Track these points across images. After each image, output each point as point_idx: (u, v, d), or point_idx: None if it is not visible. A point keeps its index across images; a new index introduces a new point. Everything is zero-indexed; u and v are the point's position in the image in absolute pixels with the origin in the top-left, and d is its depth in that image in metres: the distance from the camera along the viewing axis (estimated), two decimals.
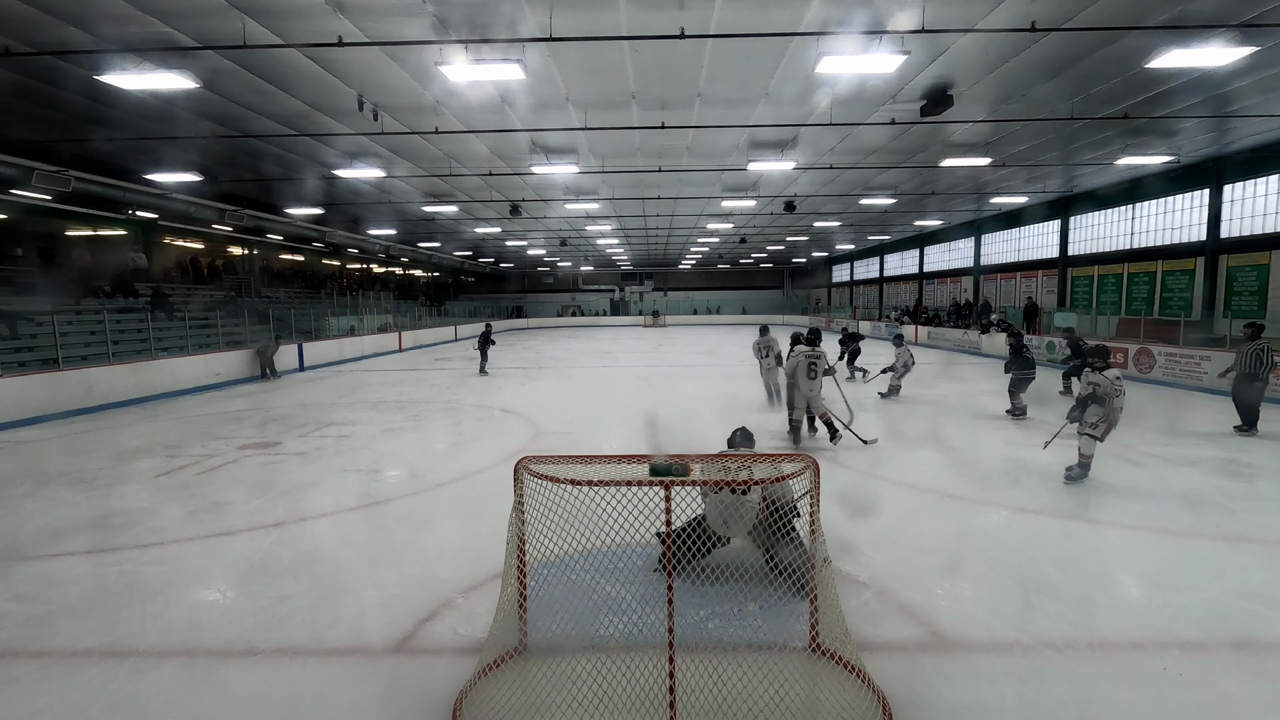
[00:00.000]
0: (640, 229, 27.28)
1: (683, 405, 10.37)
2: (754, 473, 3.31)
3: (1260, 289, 14.23)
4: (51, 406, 10.50)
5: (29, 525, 5.38)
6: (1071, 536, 4.87)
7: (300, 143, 12.50)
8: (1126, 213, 18.15)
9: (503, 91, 9.76)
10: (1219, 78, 9.38)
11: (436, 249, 32.40)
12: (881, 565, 4.31)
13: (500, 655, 3.10)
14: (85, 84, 8.71)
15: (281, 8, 7.05)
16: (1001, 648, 3.33)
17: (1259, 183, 14.29)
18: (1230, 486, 6.14)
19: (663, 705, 2.68)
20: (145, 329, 13.95)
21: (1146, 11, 7.26)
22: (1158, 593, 3.97)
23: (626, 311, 48.20)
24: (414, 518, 5.49)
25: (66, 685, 3.10)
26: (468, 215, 21.82)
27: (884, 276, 35.44)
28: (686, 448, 3.81)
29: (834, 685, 2.91)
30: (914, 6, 6.96)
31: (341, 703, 2.96)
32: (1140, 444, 7.76)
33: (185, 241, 22.21)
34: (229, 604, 3.97)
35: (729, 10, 7.20)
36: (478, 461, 6.62)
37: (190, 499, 5.99)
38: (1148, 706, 2.86)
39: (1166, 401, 11.33)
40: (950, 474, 6.46)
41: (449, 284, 46.58)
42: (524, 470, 3.08)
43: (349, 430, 9.19)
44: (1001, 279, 24.25)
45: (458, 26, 7.47)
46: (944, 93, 9.77)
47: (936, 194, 19.16)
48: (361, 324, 24.08)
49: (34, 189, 12.60)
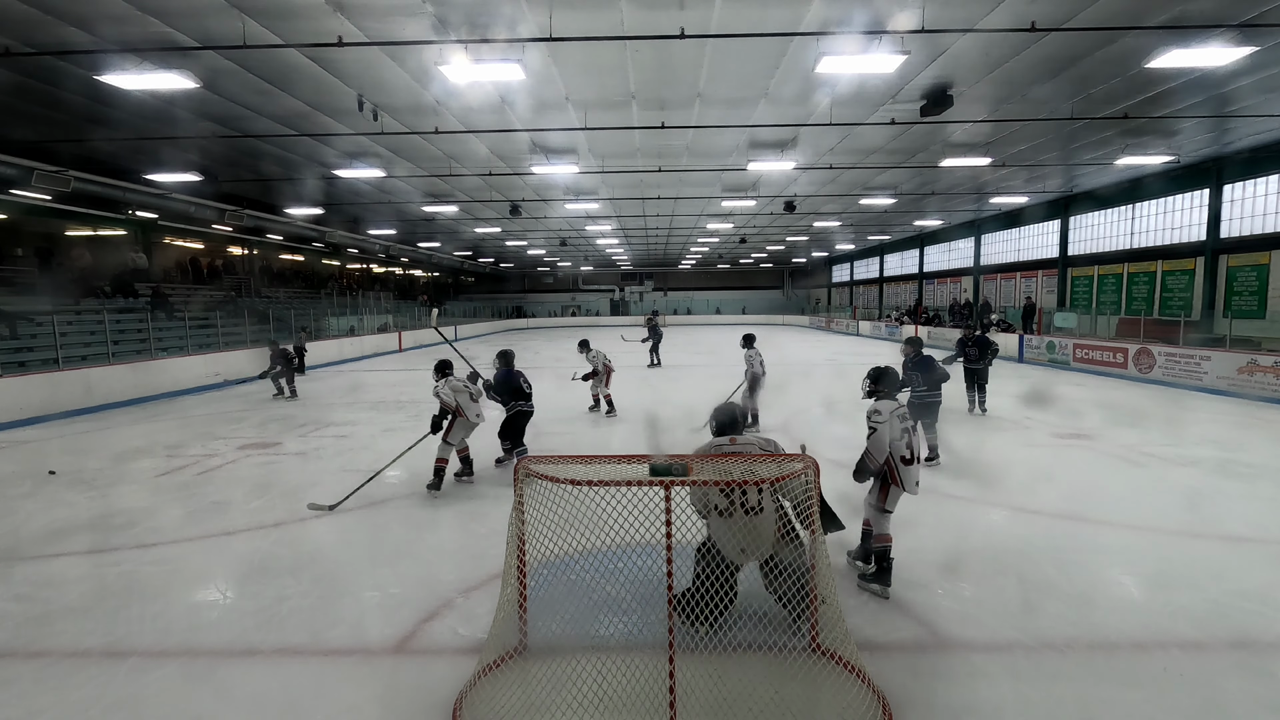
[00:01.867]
0: (640, 229, 27.28)
1: (683, 405, 10.37)
2: (759, 472, 3.28)
3: (1260, 289, 14.23)
4: (51, 406, 10.50)
5: (29, 525, 5.38)
6: (1071, 536, 4.86)
7: (300, 143, 12.50)
8: (1126, 213, 18.15)
9: (503, 92, 9.75)
10: (1219, 78, 9.38)
11: (436, 249, 32.40)
12: None
13: (500, 655, 3.10)
14: (85, 84, 8.71)
15: (281, 8, 7.05)
16: (1001, 648, 3.33)
17: (1259, 183, 14.30)
18: (1230, 486, 6.13)
19: (663, 705, 2.68)
20: (145, 329, 13.96)
21: (1146, 11, 7.26)
22: (1158, 593, 3.97)
23: (627, 311, 48.17)
24: (414, 518, 5.49)
25: (66, 685, 3.10)
26: (468, 215, 21.81)
27: (884, 276, 35.44)
28: (686, 448, 3.81)
29: (834, 685, 2.90)
30: (914, 6, 6.96)
31: (341, 703, 2.96)
32: (1140, 444, 7.76)
33: (185, 241, 22.20)
34: (229, 604, 3.97)
35: (729, 10, 7.20)
36: (478, 461, 6.61)
37: (190, 499, 5.99)
38: (1148, 706, 2.86)
39: (1166, 401, 11.33)
40: (950, 474, 6.46)
41: (449, 284, 46.58)
42: (524, 470, 3.08)
43: (349, 430, 9.19)
44: (1001, 279, 24.25)
45: (458, 27, 7.47)
46: (944, 93, 9.77)
47: (936, 194, 19.16)
48: (361, 324, 24.08)
49: (34, 189, 12.58)
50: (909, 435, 3.99)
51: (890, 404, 4.03)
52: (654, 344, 17.41)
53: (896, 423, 3.95)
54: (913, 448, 4.00)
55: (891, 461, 3.93)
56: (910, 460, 3.96)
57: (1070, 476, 6.48)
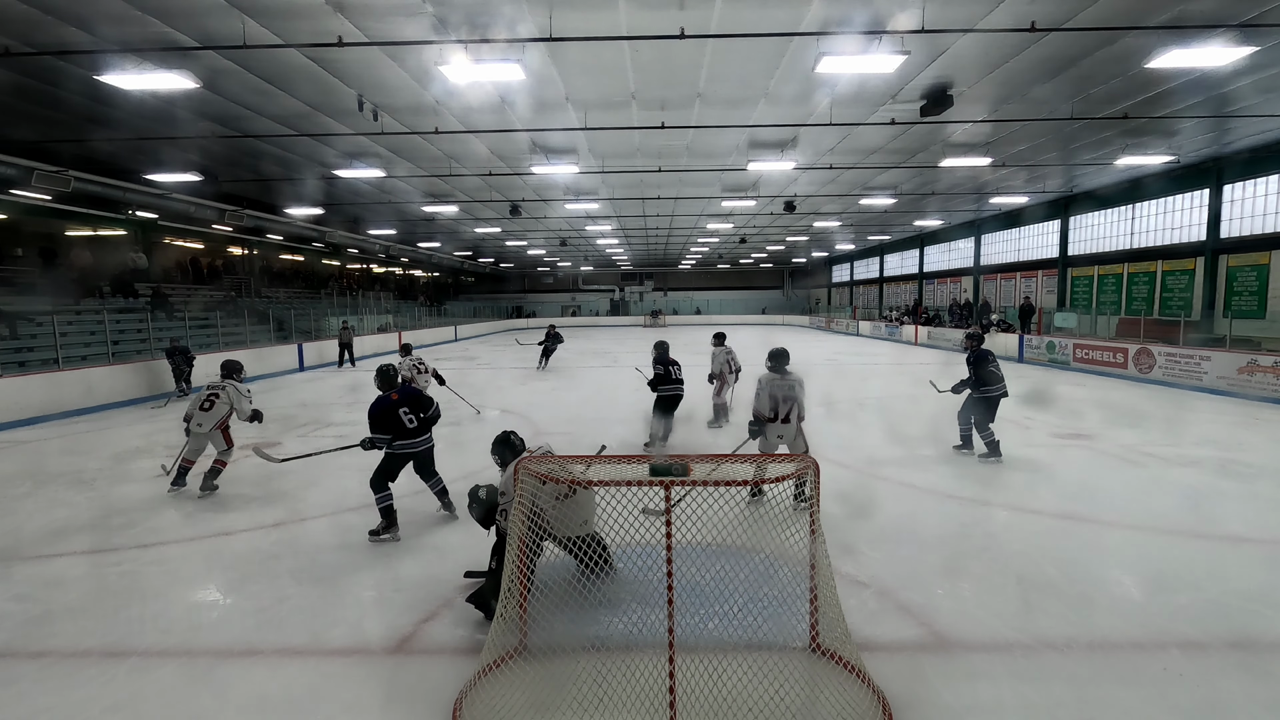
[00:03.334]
0: (640, 229, 27.28)
1: (682, 405, 10.37)
2: (764, 471, 3.31)
3: (1260, 289, 14.23)
4: (51, 406, 10.50)
5: (29, 525, 5.38)
6: (1071, 536, 4.86)
7: (300, 143, 12.50)
8: (1126, 213, 18.15)
9: (503, 92, 9.76)
10: (1219, 78, 9.38)
11: (436, 249, 32.40)
12: (881, 565, 4.31)
13: (500, 655, 3.10)
14: (85, 84, 8.71)
15: (281, 8, 7.05)
16: (1001, 648, 3.33)
17: (1259, 183, 14.30)
18: (1230, 486, 6.13)
19: (663, 705, 2.68)
20: (145, 329, 13.96)
21: (1146, 11, 7.26)
22: (1158, 593, 3.97)
23: (627, 311, 48.19)
24: (414, 518, 5.49)
25: (66, 685, 3.10)
26: (468, 215, 21.82)
27: (884, 276, 35.44)
28: (686, 448, 3.81)
29: (834, 685, 2.90)
30: (914, 6, 6.96)
31: (341, 703, 2.96)
32: (1140, 444, 7.76)
33: (185, 241, 22.20)
34: (229, 604, 3.96)
35: (729, 10, 7.20)
36: (478, 461, 6.59)
37: (190, 499, 5.99)
38: (1148, 706, 2.86)
39: (1166, 401, 11.33)
40: (950, 474, 6.46)
41: (449, 284, 46.59)
42: (524, 470, 3.08)
43: (349, 430, 9.18)
44: (1001, 279, 24.25)
45: (457, 27, 7.47)
46: (944, 93, 9.77)
47: (936, 194, 19.17)
48: (361, 324, 24.08)
49: (34, 189, 12.59)
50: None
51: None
52: (544, 351, 17.11)
53: None
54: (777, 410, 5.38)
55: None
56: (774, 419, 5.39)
57: (1070, 476, 6.48)
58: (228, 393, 6.16)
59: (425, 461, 5.30)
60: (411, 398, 5.21)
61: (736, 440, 6.47)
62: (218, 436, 6.17)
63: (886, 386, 13.65)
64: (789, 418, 5.37)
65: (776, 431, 5.39)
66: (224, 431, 6.20)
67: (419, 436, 5.18)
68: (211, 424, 6.05)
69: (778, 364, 5.51)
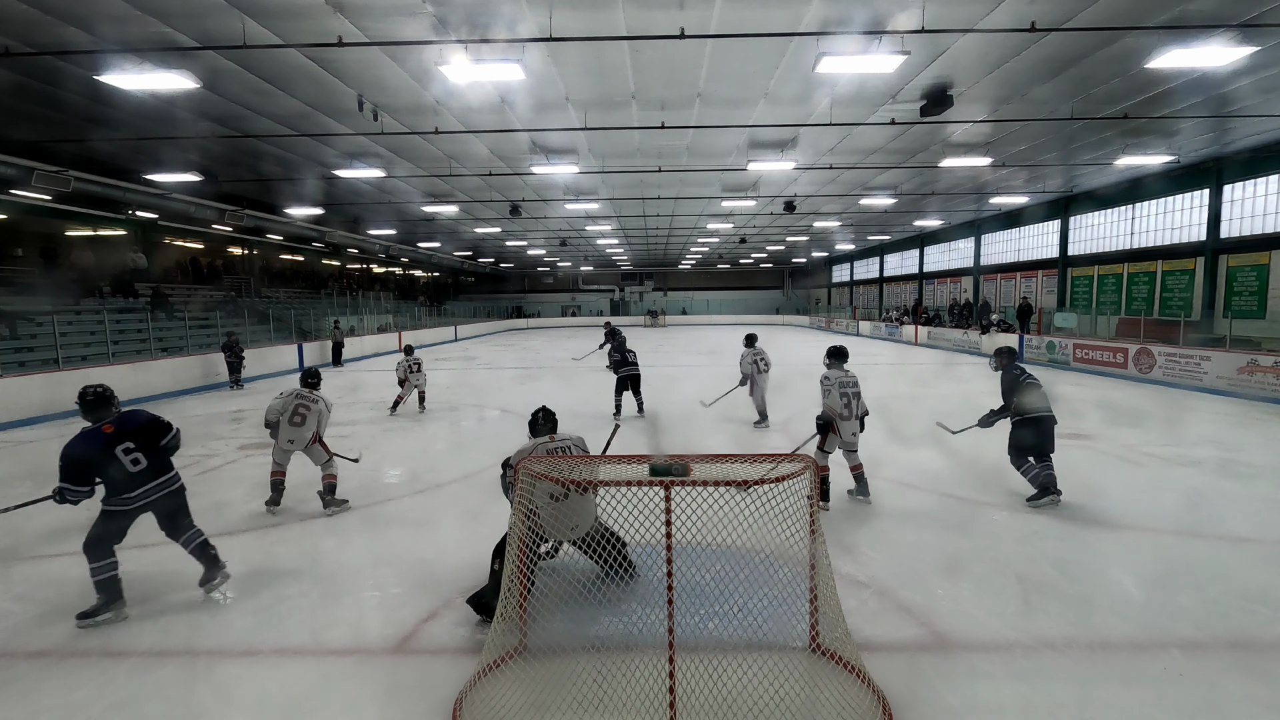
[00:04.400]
0: (640, 229, 27.28)
1: (682, 405, 10.38)
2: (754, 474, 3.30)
3: (1260, 289, 14.23)
4: (51, 406, 10.48)
5: (29, 525, 5.37)
6: (1071, 536, 4.87)
7: (300, 143, 12.50)
8: (1126, 213, 18.15)
9: (503, 92, 9.75)
10: (1219, 78, 9.38)
11: (436, 249, 32.40)
12: (881, 565, 4.32)
13: (500, 655, 3.10)
14: (85, 84, 8.71)
15: (281, 8, 7.05)
16: (1001, 648, 3.33)
17: (1259, 183, 14.30)
18: (1230, 486, 6.13)
19: (663, 705, 2.68)
20: (145, 329, 13.96)
21: (1146, 11, 7.26)
22: (1158, 593, 3.97)
23: (627, 311, 48.19)
24: (414, 518, 5.49)
25: (66, 685, 3.10)
26: (468, 215, 21.81)
27: (884, 276, 35.43)
28: (686, 448, 3.81)
29: (834, 685, 2.90)
30: (914, 6, 6.97)
31: (341, 703, 2.96)
32: (1140, 444, 7.76)
33: (185, 241, 22.20)
34: (229, 604, 3.96)
35: (729, 10, 7.20)
36: (478, 461, 6.61)
37: (190, 499, 5.95)
38: (1148, 706, 2.86)
39: (1166, 401, 11.33)
40: (950, 474, 6.46)
41: (449, 284, 46.58)
42: (524, 470, 3.08)
43: (349, 430, 9.18)
44: (1001, 279, 24.25)
45: (457, 27, 7.47)
46: (944, 93, 9.77)
47: (936, 194, 19.17)
48: (361, 324, 24.08)
49: (34, 189, 12.59)
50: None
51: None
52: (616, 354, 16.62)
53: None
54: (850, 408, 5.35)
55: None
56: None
57: (1070, 476, 6.44)
58: (316, 409, 5.55)
59: (172, 513, 3.83)
60: (135, 427, 3.74)
61: (794, 441, 6.69)
62: (317, 451, 5.53)
63: (886, 386, 13.65)
64: (857, 414, 5.35)
65: (851, 429, 5.32)
66: (320, 443, 5.55)
67: (155, 479, 3.71)
68: (306, 440, 5.44)
69: (839, 360, 5.50)
